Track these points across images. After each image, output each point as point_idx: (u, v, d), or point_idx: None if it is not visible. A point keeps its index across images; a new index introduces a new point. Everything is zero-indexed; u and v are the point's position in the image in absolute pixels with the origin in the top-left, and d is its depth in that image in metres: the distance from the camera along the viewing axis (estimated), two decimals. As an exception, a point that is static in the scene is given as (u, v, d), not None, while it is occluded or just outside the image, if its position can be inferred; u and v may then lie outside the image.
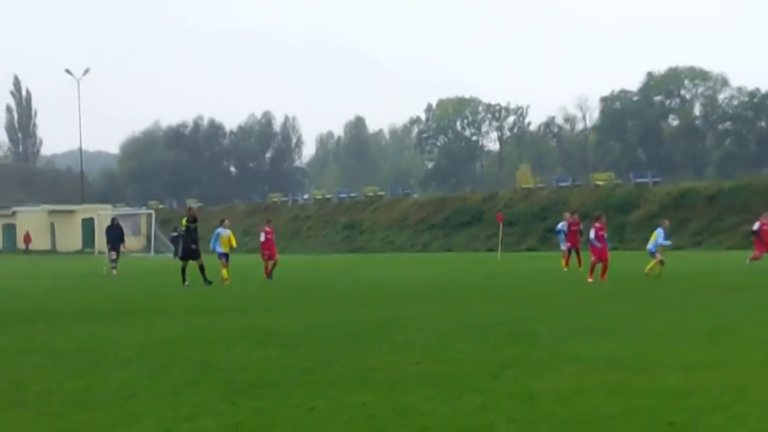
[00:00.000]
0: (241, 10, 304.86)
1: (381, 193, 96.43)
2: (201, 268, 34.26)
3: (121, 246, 45.70)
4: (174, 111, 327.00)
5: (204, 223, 45.90)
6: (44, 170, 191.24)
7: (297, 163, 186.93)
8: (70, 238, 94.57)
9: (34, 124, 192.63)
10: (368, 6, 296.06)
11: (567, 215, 43.46)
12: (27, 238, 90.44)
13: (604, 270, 32.04)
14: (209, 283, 33.76)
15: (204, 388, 12.28)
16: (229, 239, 35.60)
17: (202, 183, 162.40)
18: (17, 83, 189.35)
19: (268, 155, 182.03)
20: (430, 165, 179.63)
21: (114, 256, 45.13)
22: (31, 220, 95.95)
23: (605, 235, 33.19)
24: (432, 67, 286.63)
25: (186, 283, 33.85)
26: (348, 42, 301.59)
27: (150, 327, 20.27)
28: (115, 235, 45.52)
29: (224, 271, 35.00)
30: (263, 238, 36.89)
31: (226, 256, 35.37)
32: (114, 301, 28.13)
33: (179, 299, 28.32)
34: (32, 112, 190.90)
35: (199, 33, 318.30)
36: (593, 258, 32.31)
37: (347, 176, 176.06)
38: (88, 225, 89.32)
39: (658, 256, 33.57)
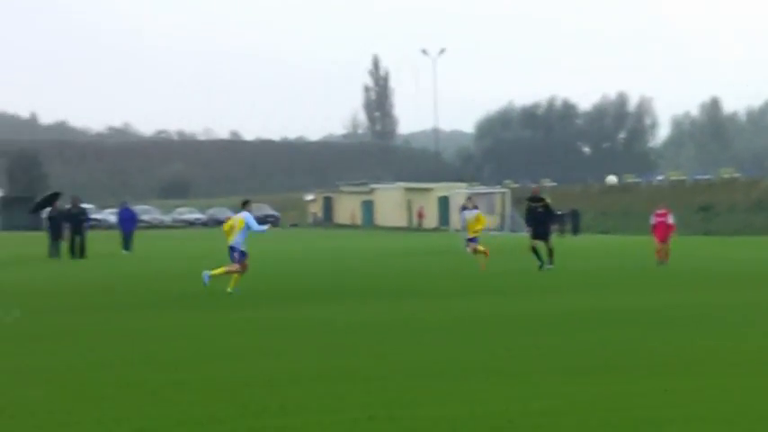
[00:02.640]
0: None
1: (737, 174, 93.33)
2: (550, 251, 31.71)
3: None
4: (528, 91, 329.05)
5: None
6: (401, 148, 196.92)
7: (651, 144, 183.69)
8: (427, 215, 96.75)
9: (391, 104, 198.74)
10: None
11: None
12: (420, 214, 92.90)
13: None
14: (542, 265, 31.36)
15: (548, 368, 12.30)
16: (477, 220, 32.36)
17: (556, 162, 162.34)
18: (376, 63, 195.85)
19: (622, 135, 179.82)
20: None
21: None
22: (388, 198, 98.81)
23: None
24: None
25: (539, 263, 31.43)
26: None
27: (503, 304, 20.53)
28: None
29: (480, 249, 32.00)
30: (653, 221, 35.02)
31: (472, 239, 32.29)
32: (467, 278, 28.62)
33: (529, 276, 28.44)
34: (389, 92, 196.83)
35: (550, 8, 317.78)
36: None
37: (703, 157, 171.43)
38: (443, 203, 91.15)
39: None
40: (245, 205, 24.53)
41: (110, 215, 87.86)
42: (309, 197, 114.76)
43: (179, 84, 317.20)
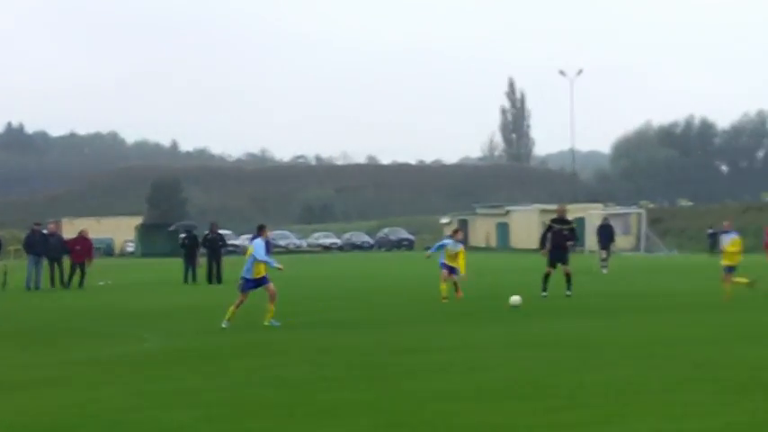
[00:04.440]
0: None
1: None
2: (567, 276, 28.74)
3: (611, 244, 46.17)
4: (666, 110, 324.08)
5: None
6: (537, 169, 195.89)
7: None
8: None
9: (527, 125, 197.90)
10: None
11: None
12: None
13: None
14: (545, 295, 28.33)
15: (697, 386, 12.25)
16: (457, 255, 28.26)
17: (693, 181, 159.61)
18: (511, 85, 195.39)
19: (761, 153, 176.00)
20: None
21: (605, 255, 45.60)
22: (523, 219, 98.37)
23: None
24: None
25: (544, 293, 28.39)
26: None
27: (642, 324, 20.39)
28: (606, 234, 46.11)
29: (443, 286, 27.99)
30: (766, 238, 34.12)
31: (449, 269, 28.12)
32: (604, 297, 28.44)
33: (670, 296, 28.14)
34: (526, 113, 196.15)
35: (685, 26, 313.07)
36: None
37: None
38: (579, 224, 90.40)
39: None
40: (260, 231, 23.04)
41: (246, 241, 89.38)
42: (444, 220, 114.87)
43: (316, 109, 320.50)
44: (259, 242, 22.35)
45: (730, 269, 26.85)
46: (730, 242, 27.30)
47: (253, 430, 10.44)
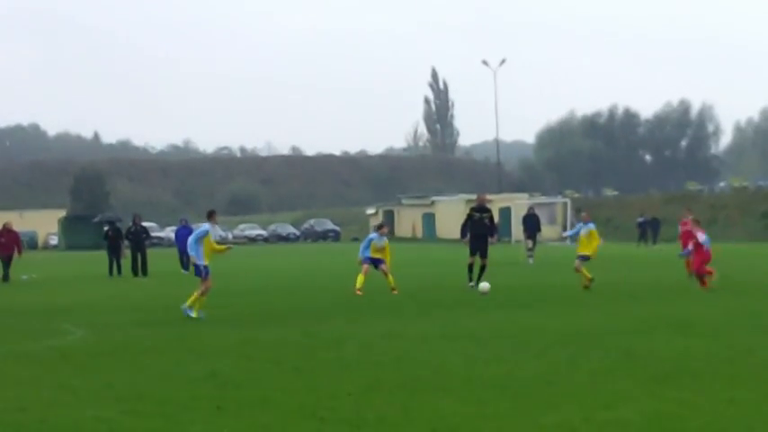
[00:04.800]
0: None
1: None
2: (483, 268, 28.62)
3: (538, 234, 46.36)
4: (589, 100, 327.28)
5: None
6: (462, 160, 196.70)
7: (713, 151, 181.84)
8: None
9: (451, 115, 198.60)
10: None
11: None
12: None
13: None
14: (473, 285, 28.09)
15: (623, 376, 12.35)
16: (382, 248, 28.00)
17: (618, 171, 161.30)
18: (435, 75, 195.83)
19: (684, 143, 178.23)
20: None
21: (531, 245, 45.81)
22: (449, 210, 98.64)
23: None
24: None
25: (471, 283, 28.50)
26: None
27: (568, 314, 20.50)
28: (532, 224, 46.25)
29: (361, 278, 27.56)
30: (680, 230, 34.48)
31: (375, 261, 27.82)
32: (531, 289, 28.57)
33: (595, 286, 28.35)
34: (450, 104, 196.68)
35: (609, 17, 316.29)
36: None
37: (766, 164, 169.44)
38: (505, 214, 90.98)
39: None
40: (210, 216, 22.68)
41: (171, 233, 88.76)
42: (370, 211, 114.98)
43: (239, 100, 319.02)
44: (203, 227, 22.15)
45: (584, 258, 27.63)
46: (587, 232, 28.04)
47: (181, 423, 10.33)
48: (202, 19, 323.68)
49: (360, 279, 27.39)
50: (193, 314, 21.18)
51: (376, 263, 27.81)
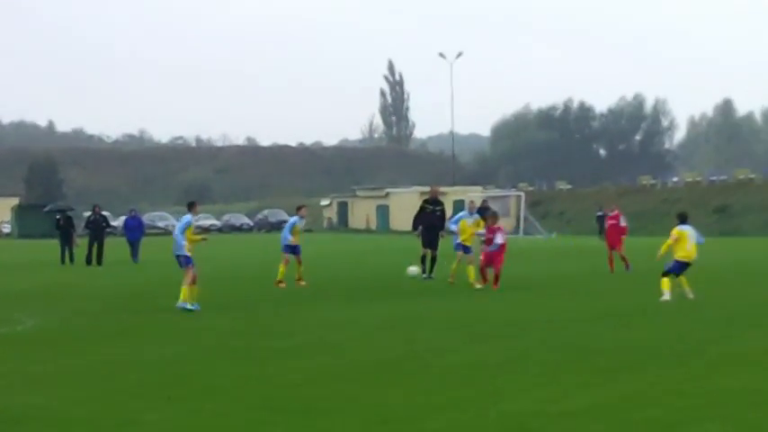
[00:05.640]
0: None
1: (753, 175, 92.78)
2: (434, 260, 29.00)
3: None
4: (545, 93, 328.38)
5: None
6: (417, 152, 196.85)
7: (667, 145, 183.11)
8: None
9: (407, 108, 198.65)
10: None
11: None
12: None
13: None
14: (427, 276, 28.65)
15: (574, 368, 12.43)
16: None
17: (572, 165, 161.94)
18: (391, 67, 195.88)
19: (638, 137, 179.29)
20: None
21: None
22: (403, 201, 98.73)
23: None
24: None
25: (424, 275, 28.56)
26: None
27: (520, 306, 20.60)
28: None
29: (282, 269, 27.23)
30: (607, 224, 33.80)
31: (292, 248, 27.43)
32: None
33: (547, 279, 28.51)
34: (405, 96, 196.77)
35: (565, 11, 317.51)
36: None
37: (719, 159, 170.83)
38: (459, 206, 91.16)
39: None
40: (190, 207, 22.58)
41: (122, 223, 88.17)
42: (325, 202, 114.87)
43: (195, 90, 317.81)
44: (186, 218, 21.97)
45: (466, 248, 27.41)
46: (474, 222, 27.87)
47: (131, 411, 10.29)
48: (158, 8, 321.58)
49: (281, 271, 27.00)
50: (189, 306, 20.83)
51: (293, 250, 27.33)
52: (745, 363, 12.68)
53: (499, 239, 25.25)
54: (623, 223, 32.51)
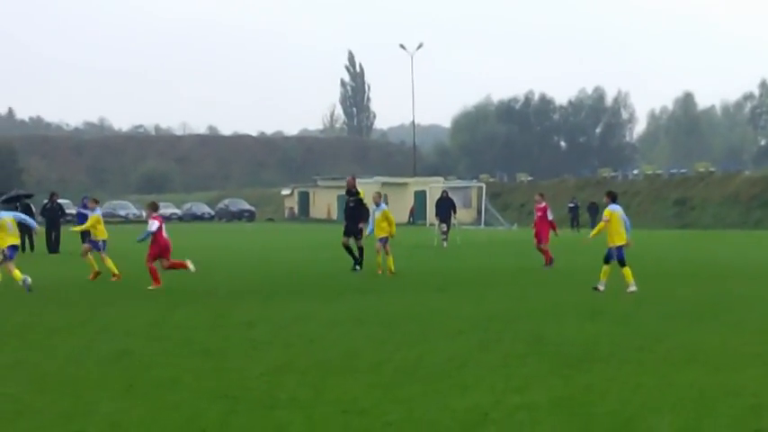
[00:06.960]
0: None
1: (713, 169, 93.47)
2: (359, 250, 29.38)
3: (453, 218, 46.50)
4: (505, 85, 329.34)
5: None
6: (378, 143, 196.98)
7: (627, 138, 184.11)
8: (402, 209, 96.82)
9: (368, 98, 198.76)
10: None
11: None
12: (412, 210, 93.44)
13: None
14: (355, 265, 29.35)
15: (534, 361, 12.47)
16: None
17: (533, 157, 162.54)
18: (351, 58, 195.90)
19: (598, 130, 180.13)
20: (763, 141, 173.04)
21: (445, 228, 45.96)
22: (364, 192, 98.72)
23: None
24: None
25: (356, 267, 29.24)
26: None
27: (480, 299, 20.63)
28: (445, 207, 46.34)
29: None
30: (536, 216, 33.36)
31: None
32: (444, 272, 28.70)
33: (509, 271, 28.61)
34: (366, 87, 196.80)
35: (526, 3, 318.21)
36: None
37: (678, 152, 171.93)
38: (420, 197, 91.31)
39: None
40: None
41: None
42: (286, 192, 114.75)
43: (155, 78, 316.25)
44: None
45: (384, 240, 27.92)
46: (381, 215, 28.29)
47: (90, 403, 10.23)
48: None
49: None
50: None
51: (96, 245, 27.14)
52: (696, 358, 12.76)
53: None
54: (550, 217, 32.33)
